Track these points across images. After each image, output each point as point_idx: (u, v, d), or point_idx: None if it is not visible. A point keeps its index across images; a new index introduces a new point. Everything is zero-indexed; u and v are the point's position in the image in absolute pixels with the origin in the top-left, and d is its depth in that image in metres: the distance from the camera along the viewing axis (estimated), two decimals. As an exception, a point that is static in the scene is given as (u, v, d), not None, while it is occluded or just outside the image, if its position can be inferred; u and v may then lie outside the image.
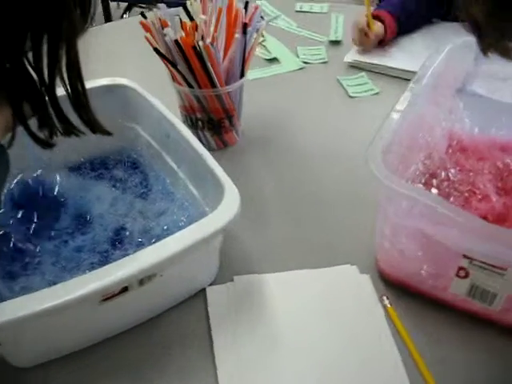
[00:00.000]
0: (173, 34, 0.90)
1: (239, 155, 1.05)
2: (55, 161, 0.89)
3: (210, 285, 0.78)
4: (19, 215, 0.83)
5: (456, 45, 0.94)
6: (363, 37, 1.34)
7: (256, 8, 0.97)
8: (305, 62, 1.36)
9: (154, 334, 0.73)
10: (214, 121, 1.00)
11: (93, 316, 0.68)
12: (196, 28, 0.92)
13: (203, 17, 0.93)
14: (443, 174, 0.86)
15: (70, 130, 0.62)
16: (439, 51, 0.91)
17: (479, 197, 0.82)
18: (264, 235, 0.88)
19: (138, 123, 0.95)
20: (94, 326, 0.71)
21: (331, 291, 0.78)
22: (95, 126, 0.65)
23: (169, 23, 0.92)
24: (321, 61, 1.37)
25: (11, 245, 0.80)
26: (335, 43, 1.46)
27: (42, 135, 0.60)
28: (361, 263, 0.81)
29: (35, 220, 0.83)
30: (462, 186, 0.85)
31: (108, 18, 2.91)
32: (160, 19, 0.93)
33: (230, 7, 0.96)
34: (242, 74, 0.99)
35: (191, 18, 0.96)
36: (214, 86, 0.95)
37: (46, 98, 0.58)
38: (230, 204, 0.69)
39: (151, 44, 0.93)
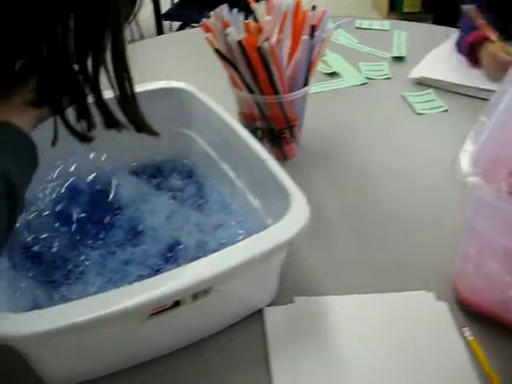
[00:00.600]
0: (236, 34, 0.84)
1: (299, 169, 0.98)
2: (107, 165, 0.83)
3: (268, 305, 0.71)
4: (66, 219, 0.77)
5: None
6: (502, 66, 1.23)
7: (324, 12, 0.90)
8: (368, 78, 1.29)
9: (208, 353, 0.66)
10: (274, 131, 0.94)
11: (139, 332, 0.61)
12: (260, 30, 0.86)
13: (269, 18, 0.87)
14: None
15: (111, 123, 0.59)
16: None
17: None
18: (327, 254, 0.80)
19: (194, 129, 0.89)
20: (140, 344, 0.64)
21: (403, 320, 0.70)
22: (142, 125, 0.61)
23: (231, 24, 0.86)
24: (384, 77, 1.30)
25: (54, 250, 0.74)
26: (398, 59, 1.39)
27: (79, 128, 0.57)
28: (437, 289, 0.73)
29: (83, 226, 0.77)
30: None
31: (160, 37, 2.91)
32: (222, 20, 0.87)
33: (296, 10, 0.90)
34: (306, 82, 0.93)
35: (255, 20, 0.90)
36: (276, 92, 0.89)
37: (87, 90, 0.55)
38: (297, 214, 0.62)
39: (212, 45, 0.87)
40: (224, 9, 0.89)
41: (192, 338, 0.66)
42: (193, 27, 2.99)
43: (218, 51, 0.86)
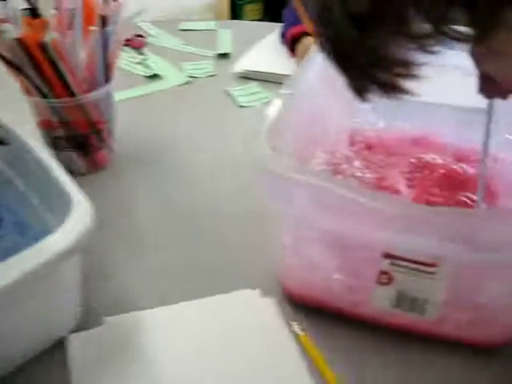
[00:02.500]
0: (15, 31, 0.73)
1: (115, 178, 0.88)
2: None
3: (74, 332, 0.61)
4: None
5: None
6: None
7: (117, 3, 0.82)
8: (190, 77, 1.22)
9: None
10: (78, 137, 0.84)
11: None
12: (45, 25, 0.77)
13: (54, 11, 0.77)
14: (348, 170, 0.73)
15: None
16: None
17: (389, 192, 0.70)
18: (144, 265, 0.71)
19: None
20: None
21: (228, 323, 0.63)
22: None
23: (9, 21, 0.76)
24: (208, 74, 1.24)
25: None
26: (224, 57, 1.34)
27: None
28: (264, 286, 0.66)
29: None
30: (370, 184, 0.72)
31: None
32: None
33: (85, 1, 0.81)
34: (108, 80, 0.84)
35: (37, 15, 0.80)
36: (72, 94, 0.79)
37: None
38: (75, 223, 0.52)
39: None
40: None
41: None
42: None
43: (-5, 53, 0.75)
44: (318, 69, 0.73)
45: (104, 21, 0.79)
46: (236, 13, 4.30)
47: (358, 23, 0.38)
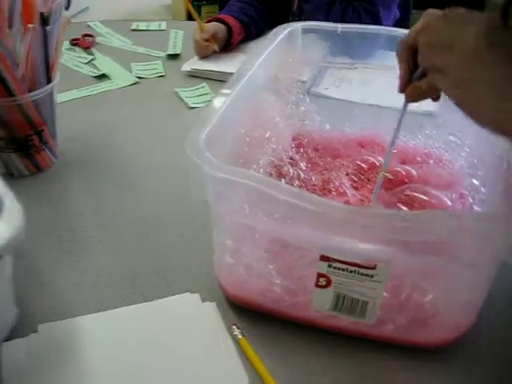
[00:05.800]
0: None
1: (56, 180, 0.86)
2: None
3: (6, 340, 0.59)
4: None
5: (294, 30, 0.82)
6: (200, 46, 1.24)
7: (58, 1, 0.80)
8: (139, 77, 1.20)
9: None
10: (18, 139, 0.81)
11: None
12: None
13: (-13, 8, 0.75)
14: (292, 171, 0.72)
15: None
16: (275, 34, 0.78)
17: (334, 193, 0.70)
18: (79, 270, 0.69)
19: None
20: None
21: (168, 328, 0.61)
22: None
23: None
24: (157, 75, 1.23)
25: None
26: (174, 57, 1.33)
27: None
28: (204, 289, 0.65)
29: None
30: (315, 186, 0.72)
31: None
32: None
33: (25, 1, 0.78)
34: (50, 79, 0.82)
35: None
36: (11, 93, 0.77)
37: None
38: (4, 226, 0.51)
39: None
40: None
41: None
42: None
43: None
44: (263, 68, 0.72)
45: (44, 19, 0.77)
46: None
47: None
